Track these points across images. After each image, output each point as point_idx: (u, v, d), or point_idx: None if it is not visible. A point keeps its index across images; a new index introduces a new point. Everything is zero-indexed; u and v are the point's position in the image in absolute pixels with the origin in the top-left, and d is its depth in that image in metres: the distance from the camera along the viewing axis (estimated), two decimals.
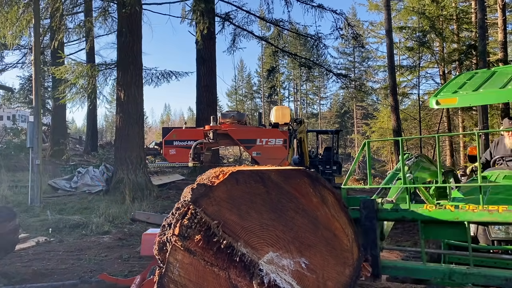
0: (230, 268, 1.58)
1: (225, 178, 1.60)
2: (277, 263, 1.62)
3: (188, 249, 1.55)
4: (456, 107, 4.45)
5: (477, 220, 2.44)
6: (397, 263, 2.85)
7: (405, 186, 3.08)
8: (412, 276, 2.83)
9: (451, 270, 2.46)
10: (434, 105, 3.79)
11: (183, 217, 1.55)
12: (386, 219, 2.92)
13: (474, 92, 3.60)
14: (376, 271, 2.59)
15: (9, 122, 31.36)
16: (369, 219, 2.62)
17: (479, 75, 4.11)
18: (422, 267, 2.59)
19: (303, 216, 1.69)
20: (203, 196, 1.57)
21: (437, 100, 3.73)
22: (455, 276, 2.43)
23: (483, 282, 2.33)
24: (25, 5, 12.02)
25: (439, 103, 3.74)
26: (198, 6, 12.58)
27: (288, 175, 1.68)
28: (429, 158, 4.45)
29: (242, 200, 1.61)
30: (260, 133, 5.14)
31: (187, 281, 1.56)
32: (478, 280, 2.34)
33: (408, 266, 2.72)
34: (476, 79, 3.96)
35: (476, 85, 3.72)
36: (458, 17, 21.24)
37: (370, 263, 2.47)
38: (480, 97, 3.67)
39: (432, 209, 2.54)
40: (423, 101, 23.42)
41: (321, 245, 1.71)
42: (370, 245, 2.54)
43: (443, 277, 2.47)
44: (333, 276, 1.73)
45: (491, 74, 3.99)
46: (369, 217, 2.63)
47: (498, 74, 3.93)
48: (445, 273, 2.46)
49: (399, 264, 2.75)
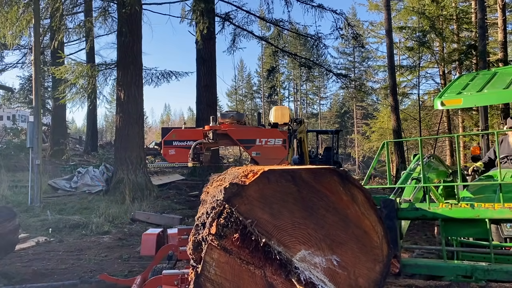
0: (266, 266, 1.59)
1: (257, 177, 1.61)
2: (309, 261, 1.64)
3: (225, 248, 1.56)
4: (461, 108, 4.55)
5: (498, 217, 2.48)
6: (418, 261, 2.90)
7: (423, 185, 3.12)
8: (434, 273, 2.85)
9: (473, 267, 2.49)
10: (439, 106, 3.86)
11: (219, 216, 1.56)
12: (406, 218, 2.99)
13: (478, 93, 3.66)
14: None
15: (9, 122, 31.37)
16: (389, 218, 2.67)
17: (480, 76, 4.16)
18: (444, 265, 2.62)
19: (334, 214, 1.70)
20: (235, 195, 1.58)
21: (442, 101, 3.80)
22: (477, 273, 2.45)
23: (505, 278, 2.37)
24: (25, 5, 12.02)
25: (444, 104, 3.81)
26: (198, 6, 12.59)
27: (318, 174, 1.70)
28: (440, 158, 4.50)
29: (274, 199, 1.63)
30: (260, 133, 5.13)
31: (223, 280, 1.57)
32: (500, 276, 2.37)
33: (429, 264, 2.76)
34: (478, 80, 4.01)
35: (480, 86, 3.78)
36: (458, 17, 21.25)
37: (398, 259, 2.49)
38: (485, 98, 3.74)
39: (453, 208, 2.58)
40: (423, 101, 23.45)
41: (352, 243, 1.73)
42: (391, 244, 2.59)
43: (465, 274, 2.51)
44: (364, 272, 1.75)
45: (493, 75, 4.04)
46: (390, 216, 2.68)
47: (500, 75, 3.97)
48: (467, 270, 2.49)
49: (420, 262, 2.79)
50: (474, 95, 3.68)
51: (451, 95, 3.87)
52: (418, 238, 7.22)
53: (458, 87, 4.00)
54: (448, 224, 2.74)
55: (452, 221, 2.68)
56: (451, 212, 2.60)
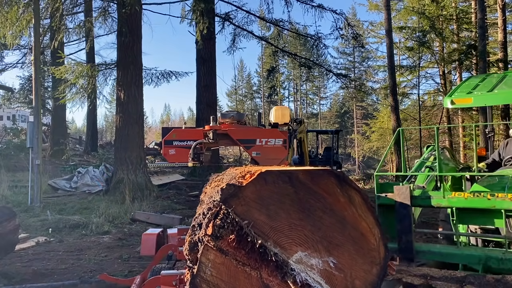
0: (262, 267, 1.60)
1: (254, 178, 1.61)
2: (306, 263, 1.64)
3: (221, 249, 1.56)
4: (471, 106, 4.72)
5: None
6: (431, 247, 2.94)
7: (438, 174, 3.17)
8: (447, 260, 2.89)
9: (487, 254, 2.51)
10: (448, 104, 3.93)
11: (216, 217, 1.56)
12: (420, 206, 3.04)
13: (489, 93, 3.74)
14: (411, 255, 2.64)
15: (9, 122, 31.36)
16: (403, 206, 2.70)
17: (490, 78, 4.30)
18: (457, 252, 2.65)
19: (331, 215, 1.71)
20: (232, 196, 1.58)
21: (452, 100, 3.88)
22: (491, 261, 2.47)
23: None
24: (25, 5, 12.02)
25: (454, 103, 3.88)
26: (198, 6, 12.58)
27: (316, 175, 1.71)
28: (452, 152, 4.59)
29: (271, 200, 1.63)
30: (260, 133, 5.13)
31: (219, 281, 1.57)
32: None
33: (443, 250, 2.78)
34: (488, 81, 4.12)
35: (490, 86, 3.87)
36: (458, 17, 21.23)
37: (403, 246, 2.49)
38: (495, 97, 3.84)
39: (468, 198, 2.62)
40: (423, 101, 23.43)
41: (349, 245, 1.74)
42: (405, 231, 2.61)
43: (478, 262, 2.52)
44: (360, 275, 1.75)
45: (503, 77, 4.20)
46: (404, 204, 2.70)
47: (510, 77, 4.07)
48: (481, 258, 2.51)
49: (434, 249, 2.82)
50: (485, 95, 3.76)
51: (461, 94, 3.95)
52: (418, 238, 7.22)
53: (468, 87, 4.09)
54: (463, 213, 2.75)
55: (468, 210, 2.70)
56: (466, 201, 2.64)
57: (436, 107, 23.25)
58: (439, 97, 23.11)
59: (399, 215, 2.74)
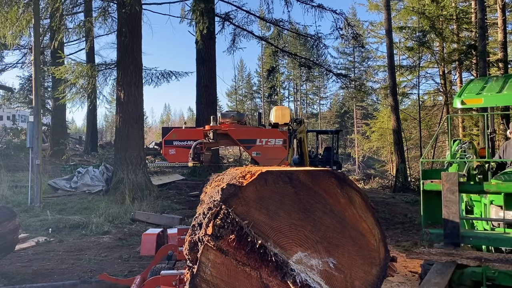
0: (262, 267, 1.60)
1: (254, 178, 1.61)
2: (305, 263, 1.65)
3: (221, 249, 1.56)
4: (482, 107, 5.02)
5: None
6: (478, 233, 3.05)
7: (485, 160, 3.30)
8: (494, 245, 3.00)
9: None
10: (458, 105, 4.07)
11: (216, 217, 1.56)
12: (468, 192, 3.22)
13: (498, 94, 3.93)
14: (457, 240, 2.73)
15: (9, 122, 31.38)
16: (451, 191, 2.79)
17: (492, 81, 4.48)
18: (505, 237, 2.74)
19: (331, 216, 1.71)
20: (232, 196, 1.58)
21: (462, 100, 4.01)
22: None
23: None
24: (25, 5, 12.02)
25: (464, 103, 4.02)
26: (197, 6, 12.58)
27: (316, 176, 1.71)
28: (476, 148, 4.82)
29: (271, 201, 1.63)
30: (260, 133, 5.13)
31: (219, 281, 1.58)
32: None
33: (489, 235, 2.89)
34: (493, 84, 4.27)
35: (498, 87, 4.04)
36: (458, 17, 21.23)
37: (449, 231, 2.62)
38: (505, 98, 4.01)
39: None
40: (423, 101, 23.43)
41: (349, 245, 1.74)
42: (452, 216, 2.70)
43: None
44: (360, 275, 1.76)
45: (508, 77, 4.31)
46: (452, 190, 2.80)
47: None
48: None
49: (480, 234, 2.92)
50: (495, 96, 3.93)
51: (471, 94, 4.09)
52: (418, 238, 7.22)
53: (475, 88, 4.25)
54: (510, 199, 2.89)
55: None
56: None
57: (436, 107, 23.26)
58: (439, 97, 23.13)
59: (446, 200, 2.88)
